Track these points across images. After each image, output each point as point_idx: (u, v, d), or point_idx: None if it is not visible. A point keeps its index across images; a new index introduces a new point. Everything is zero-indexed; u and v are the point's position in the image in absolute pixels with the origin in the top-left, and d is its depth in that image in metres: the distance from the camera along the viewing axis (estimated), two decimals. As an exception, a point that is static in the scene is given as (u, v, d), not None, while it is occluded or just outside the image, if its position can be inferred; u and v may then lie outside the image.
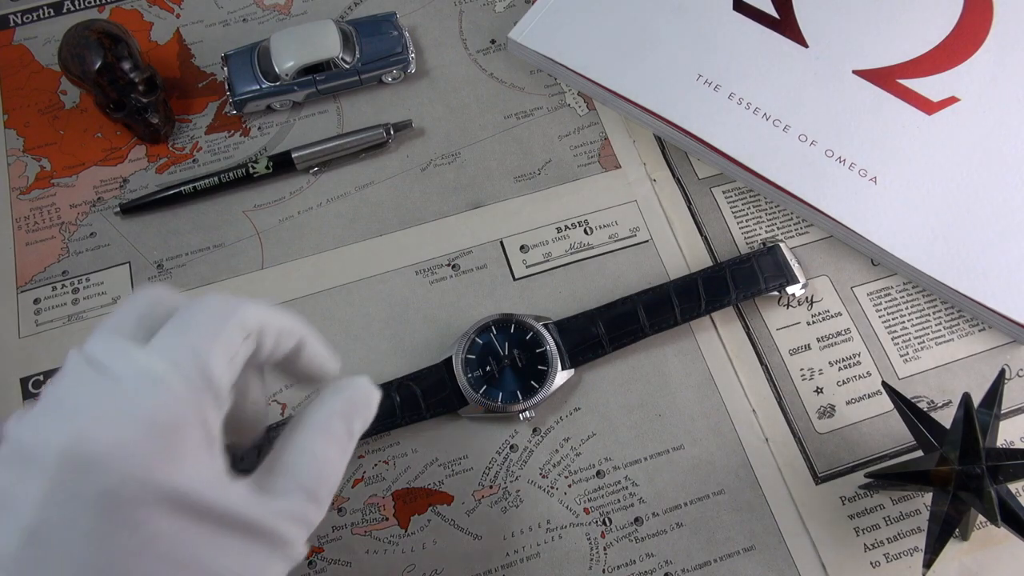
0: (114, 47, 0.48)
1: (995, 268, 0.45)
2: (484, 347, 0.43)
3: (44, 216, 0.50)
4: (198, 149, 0.52)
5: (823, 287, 0.48)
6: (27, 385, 0.45)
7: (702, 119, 0.49)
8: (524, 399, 0.42)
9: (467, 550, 0.41)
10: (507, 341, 0.43)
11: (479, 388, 0.42)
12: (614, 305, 0.45)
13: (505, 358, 0.43)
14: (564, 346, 0.44)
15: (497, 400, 0.42)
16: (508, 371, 0.43)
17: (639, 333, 0.44)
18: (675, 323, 0.45)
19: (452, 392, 0.43)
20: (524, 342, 0.43)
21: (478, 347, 0.43)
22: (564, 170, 0.51)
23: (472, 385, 0.42)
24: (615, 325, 0.44)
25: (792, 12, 0.53)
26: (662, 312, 0.45)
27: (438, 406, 0.43)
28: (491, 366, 0.42)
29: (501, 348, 0.43)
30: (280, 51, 0.51)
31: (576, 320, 0.45)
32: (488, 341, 0.43)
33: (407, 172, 0.51)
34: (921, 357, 0.46)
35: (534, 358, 0.43)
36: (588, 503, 0.42)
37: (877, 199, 0.47)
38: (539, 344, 0.43)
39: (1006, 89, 0.50)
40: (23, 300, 0.47)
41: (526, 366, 0.43)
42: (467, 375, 0.42)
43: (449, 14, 0.57)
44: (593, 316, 0.45)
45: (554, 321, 0.45)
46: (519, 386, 0.42)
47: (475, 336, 0.43)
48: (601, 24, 0.53)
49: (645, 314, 0.44)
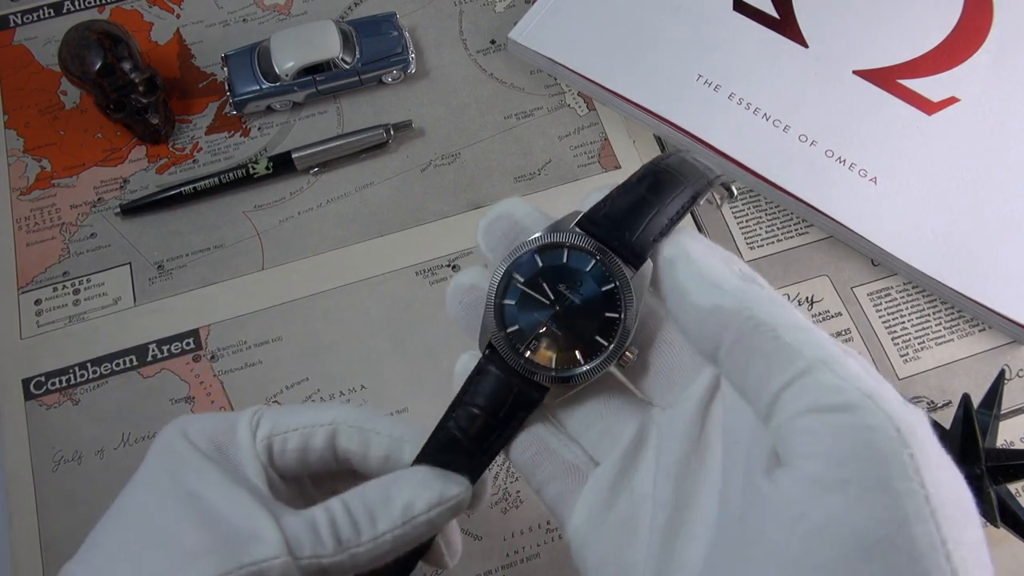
0: (114, 47, 0.48)
1: (995, 268, 0.46)
2: (518, 307, 0.27)
3: (44, 217, 0.50)
4: (198, 150, 0.52)
5: (823, 287, 0.48)
6: (28, 386, 0.45)
7: (702, 119, 0.49)
8: (607, 339, 0.26)
9: (467, 551, 0.41)
10: (544, 280, 0.27)
11: (547, 363, 0.26)
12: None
13: (554, 304, 0.26)
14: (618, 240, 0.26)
15: (578, 363, 0.26)
16: (564, 317, 0.26)
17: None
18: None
19: (519, 388, 0.27)
20: (564, 270, 0.27)
21: (512, 313, 0.27)
22: (564, 170, 0.51)
23: (537, 364, 0.26)
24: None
25: (792, 12, 0.53)
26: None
27: (517, 410, 0.27)
28: (544, 326, 0.26)
29: (544, 295, 0.27)
30: (280, 51, 0.51)
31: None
32: (518, 299, 0.27)
33: (407, 172, 0.51)
34: (921, 357, 0.46)
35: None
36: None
37: (877, 199, 0.47)
38: (585, 262, 0.26)
39: (1006, 89, 0.50)
40: (24, 301, 0.47)
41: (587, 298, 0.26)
42: (525, 354, 0.27)
43: (449, 14, 0.57)
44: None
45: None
46: (587, 330, 0.26)
47: (499, 300, 0.27)
48: (601, 24, 0.53)
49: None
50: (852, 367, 0.20)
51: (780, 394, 0.21)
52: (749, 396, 0.22)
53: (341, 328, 0.47)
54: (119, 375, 0.45)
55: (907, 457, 0.19)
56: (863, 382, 0.20)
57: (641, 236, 0.25)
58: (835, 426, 0.19)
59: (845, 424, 0.19)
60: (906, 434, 0.19)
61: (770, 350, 0.21)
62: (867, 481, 0.19)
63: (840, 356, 0.21)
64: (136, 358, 0.46)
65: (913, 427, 0.19)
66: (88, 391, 0.45)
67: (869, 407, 0.19)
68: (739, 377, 0.22)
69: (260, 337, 0.46)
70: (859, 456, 0.19)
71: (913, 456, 0.19)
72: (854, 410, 0.19)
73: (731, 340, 0.22)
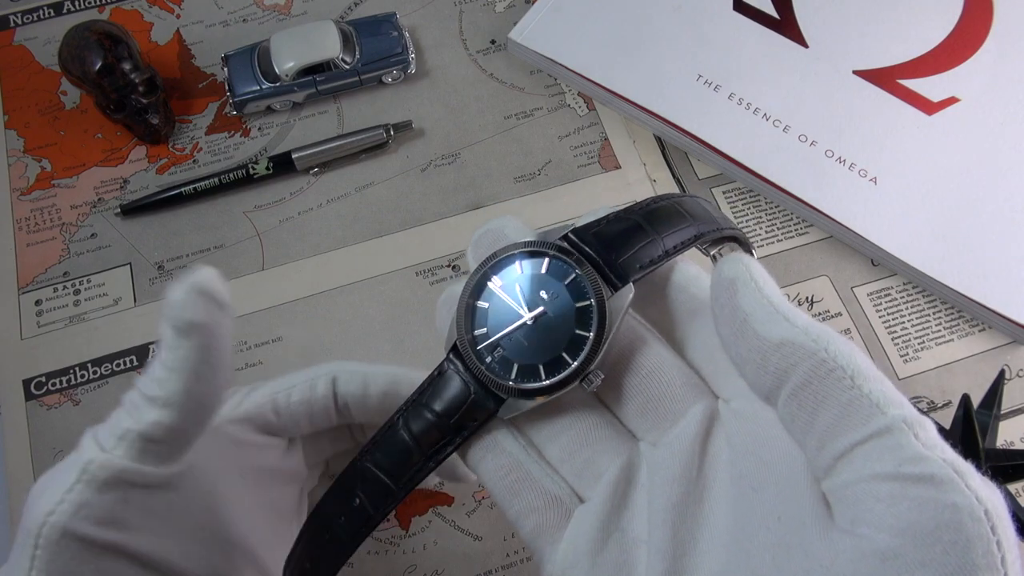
0: (114, 48, 0.48)
1: (995, 268, 0.46)
2: (489, 311, 0.26)
3: (45, 217, 0.50)
4: (198, 150, 0.52)
5: (823, 287, 0.48)
6: (29, 387, 0.45)
7: (702, 119, 0.49)
8: (572, 356, 0.24)
9: (468, 551, 0.41)
10: (519, 286, 0.26)
11: (507, 372, 0.25)
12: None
13: (526, 312, 0.25)
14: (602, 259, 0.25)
15: (539, 377, 0.25)
16: (532, 328, 0.25)
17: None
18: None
19: (476, 395, 0.25)
20: (541, 279, 0.26)
21: (483, 315, 0.26)
22: (564, 170, 0.51)
23: (497, 372, 0.25)
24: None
25: (792, 12, 0.53)
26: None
27: (470, 419, 0.25)
28: (511, 334, 0.25)
29: (516, 301, 0.25)
30: (280, 51, 0.51)
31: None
32: (491, 302, 0.26)
33: (407, 173, 0.51)
34: (921, 357, 0.46)
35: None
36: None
37: (877, 199, 0.47)
38: (564, 274, 0.25)
39: (1006, 89, 0.50)
40: (24, 301, 0.47)
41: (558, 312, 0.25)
42: (485, 360, 0.25)
43: (449, 14, 0.57)
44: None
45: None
46: (553, 345, 0.25)
47: (471, 301, 0.26)
48: (601, 24, 0.53)
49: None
50: (933, 434, 0.19)
51: (853, 450, 0.19)
52: (808, 444, 0.21)
53: (341, 328, 0.47)
54: (120, 375, 0.45)
55: (994, 546, 0.18)
56: (947, 453, 0.19)
57: (628, 260, 0.24)
58: (917, 500, 0.18)
59: (928, 499, 0.18)
60: (994, 519, 0.18)
61: (846, 400, 0.20)
62: (948, 566, 0.17)
63: (921, 419, 0.19)
64: (137, 358, 0.46)
65: (1000, 511, 0.18)
66: (89, 391, 0.45)
67: (956, 484, 0.18)
68: (802, 422, 0.21)
69: (260, 337, 0.46)
70: (941, 539, 0.18)
71: (1000, 544, 0.18)
72: (939, 485, 0.18)
73: (799, 381, 0.20)
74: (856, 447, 0.19)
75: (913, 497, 0.18)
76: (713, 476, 0.23)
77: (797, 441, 0.21)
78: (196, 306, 0.25)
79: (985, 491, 0.18)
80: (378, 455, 0.25)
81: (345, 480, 0.26)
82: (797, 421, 0.21)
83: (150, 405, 0.25)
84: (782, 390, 0.21)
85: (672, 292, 0.26)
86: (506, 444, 0.25)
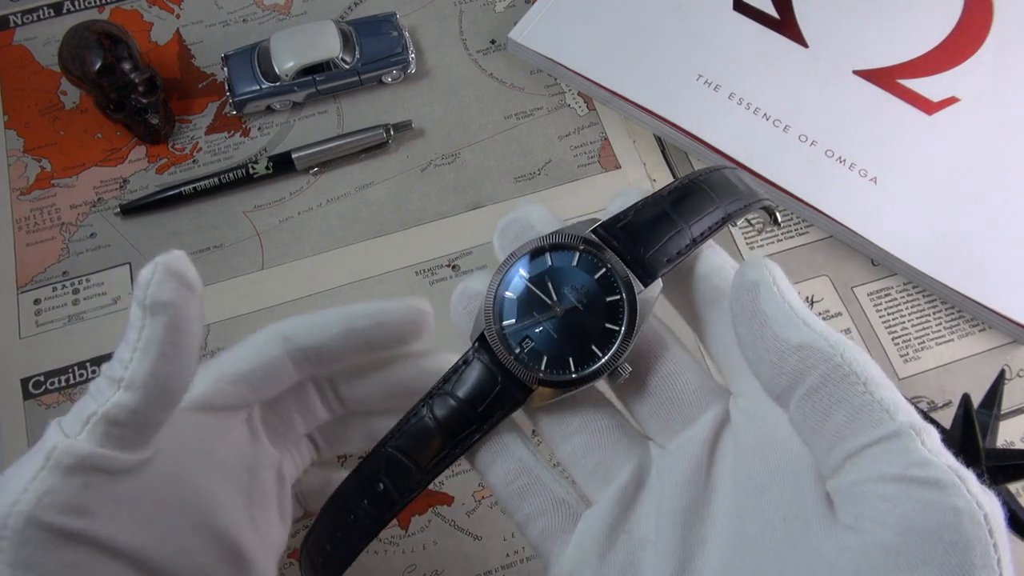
0: (114, 48, 0.48)
1: (995, 268, 0.45)
2: (518, 302, 0.26)
3: (44, 217, 0.50)
4: (198, 150, 0.52)
5: (823, 287, 0.48)
6: (27, 386, 0.45)
7: (702, 119, 0.49)
8: (602, 350, 0.25)
9: (467, 551, 0.41)
10: (549, 280, 0.26)
11: (537, 363, 0.25)
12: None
13: (556, 305, 0.26)
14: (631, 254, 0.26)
15: (569, 369, 0.25)
16: (562, 321, 0.26)
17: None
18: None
19: (504, 385, 0.26)
20: (571, 273, 0.26)
21: (511, 306, 0.26)
22: (564, 170, 0.51)
23: (526, 363, 0.25)
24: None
25: (792, 12, 0.53)
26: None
27: (497, 408, 0.26)
28: (540, 325, 0.26)
29: (546, 294, 0.26)
30: (280, 51, 0.51)
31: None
32: (520, 294, 0.26)
33: (407, 172, 0.51)
34: (921, 357, 0.46)
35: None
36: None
37: (877, 199, 0.47)
38: (594, 268, 0.26)
39: (1006, 89, 0.50)
40: (23, 301, 0.47)
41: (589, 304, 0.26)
42: (515, 351, 0.26)
43: (449, 14, 0.57)
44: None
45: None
46: (583, 338, 0.25)
47: (500, 292, 0.26)
48: (601, 24, 0.53)
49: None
50: (938, 442, 0.20)
51: (862, 452, 0.20)
52: (818, 444, 0.21)
53: (341, 328, 0.47)
54: (119, 375, 0.45)
55: (992, 548, 0.19)
56: (951, 460, 0.20)
57: (655, 254, 0.25)
58: (921, 501, 0.19)
59: (932, 501, 0.19)
60: (992, 523, 0.19)
61: (858, 404, 0.21)
62: (948, 565, 0.18)
63: (927, 427, 0.20)
64: (136, 358, 0.46)
65: (997, 516, 0.19)
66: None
67: (959, 489, 0.19)
68: (813, 422, 0.21)
69: (260, 337, 0.46)
70: (943, 539, 0.19)
71: (996, 547, 0.19)
72: (943, 489, 0.19)
73: (814, 383, 0.21)
74: (865, 449, 0.20)
75: (917, 499, 0.19)
76: (720, 479, 0.24)
77: (805, 441, 0.22)
78: (164, 286, 0.25)
79: (984, 497, 0.19)
80: (403, 441, 0.26)
81: (369, 464, 0.26)
82: (809, 421, 0.21)
83: (115, 387, 0.24)
84: (796, 391, 0.22)
85: (695, 282, 0.26)
86: (515, 448, 0.26)
